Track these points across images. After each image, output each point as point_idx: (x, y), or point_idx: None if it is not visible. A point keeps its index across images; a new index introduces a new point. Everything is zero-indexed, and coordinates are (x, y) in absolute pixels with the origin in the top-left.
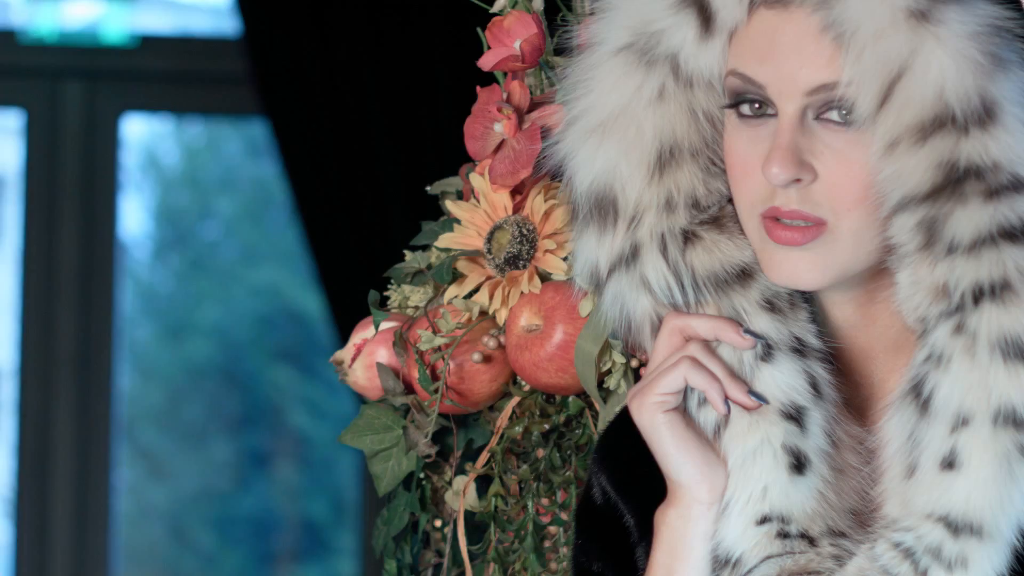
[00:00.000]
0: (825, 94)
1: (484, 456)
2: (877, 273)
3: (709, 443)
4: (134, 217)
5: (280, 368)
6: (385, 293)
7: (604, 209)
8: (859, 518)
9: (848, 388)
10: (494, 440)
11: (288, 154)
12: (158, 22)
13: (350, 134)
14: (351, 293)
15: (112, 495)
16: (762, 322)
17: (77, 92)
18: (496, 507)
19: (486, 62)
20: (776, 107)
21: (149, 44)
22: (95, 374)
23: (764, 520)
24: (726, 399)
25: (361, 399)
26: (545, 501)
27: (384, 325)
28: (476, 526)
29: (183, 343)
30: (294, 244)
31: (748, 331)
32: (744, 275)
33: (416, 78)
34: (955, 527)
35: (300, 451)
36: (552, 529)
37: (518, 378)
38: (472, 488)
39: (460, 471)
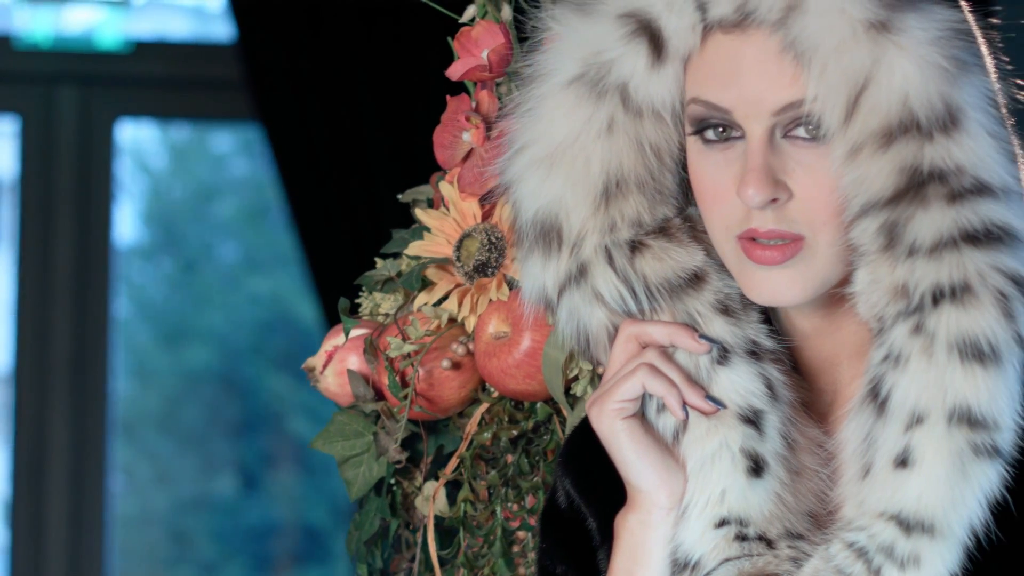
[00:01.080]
0: (792, 112)
1: (453, 462)
2: (841, 281)
3: (668, 449)
4: (129, 222)
5: (279, 375)
6: (357, 300)
7: (548, 236)
8: (817, 520)
9: (812, 393)
10: (463, 446)
11: (282, 158)
12: (152, 28)
13: (344, 138)
14: (345, 297)
15: (107, 499)
16: (717, 326)
17: (72, 97)
18: (465, 512)
19: (454, 72)
20: (743, 129)
21: (144, 50)
22: (90, 378)
23: (723, 523)
24: (684, 405)
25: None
26: (514, 506)
27: (355, 332)
28: (446, 531)
29: (182, 349)
30: (290, 249)
31: (703, 336)
32: (696, 279)
33: (409, 83)
34: (907, 525)
35: (299, 457)
36: (521, 534)
37: (487, 385)
38: (442, 493)
39: (430, 477)
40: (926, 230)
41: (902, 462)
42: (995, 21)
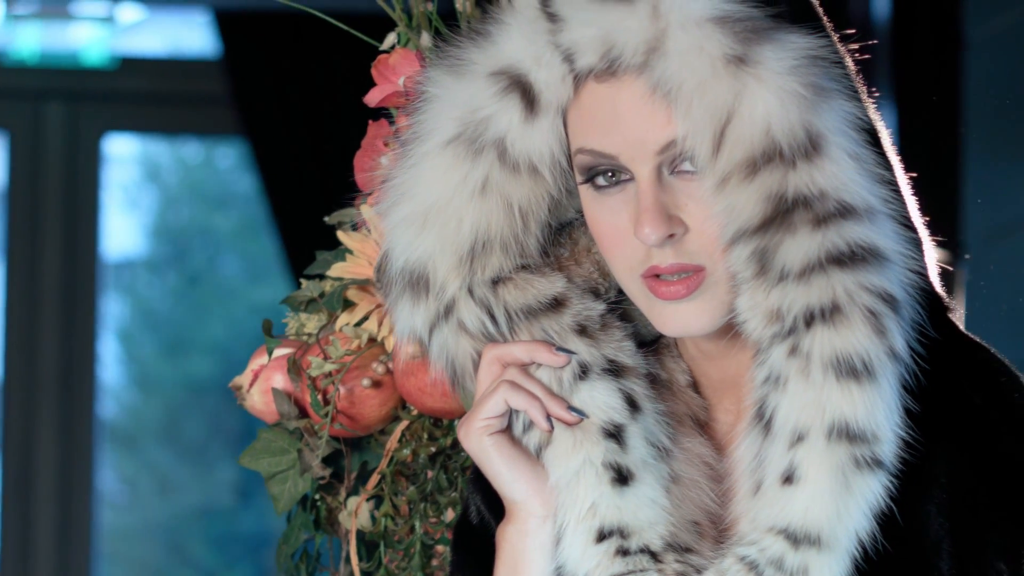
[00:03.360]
0: (673, 150)
1: (375, 478)
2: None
3: (537, 461)
4: (131, 235)
5: None
6: (284, 320)
7: (416, 285)
8: (704, 532)
9: (719, 412)
10: (384, 462)
11: (267, 173)
12: (138, 44)
13: (328, 153)
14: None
15: (95, 511)
16: (573, 345)
17: (59, 113)
18: (386, 527)
19: (371, 98)
20: (631, 172)
21: (130, 65)
22: (78, 390)
23: (602, 537)
24: (548, 416)
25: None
26: (433, 521)
27: (281, 352)
28: (369, 545)
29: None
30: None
31: (560, 348)
32: (557, 303)
33: None
34: (795, 539)
35: None
36: (439, 548)
37: (406, 403)
38: (365, 508)
39: (354, 492)
40: (794, 255)
41: (788, 479)
42: (852, 46)
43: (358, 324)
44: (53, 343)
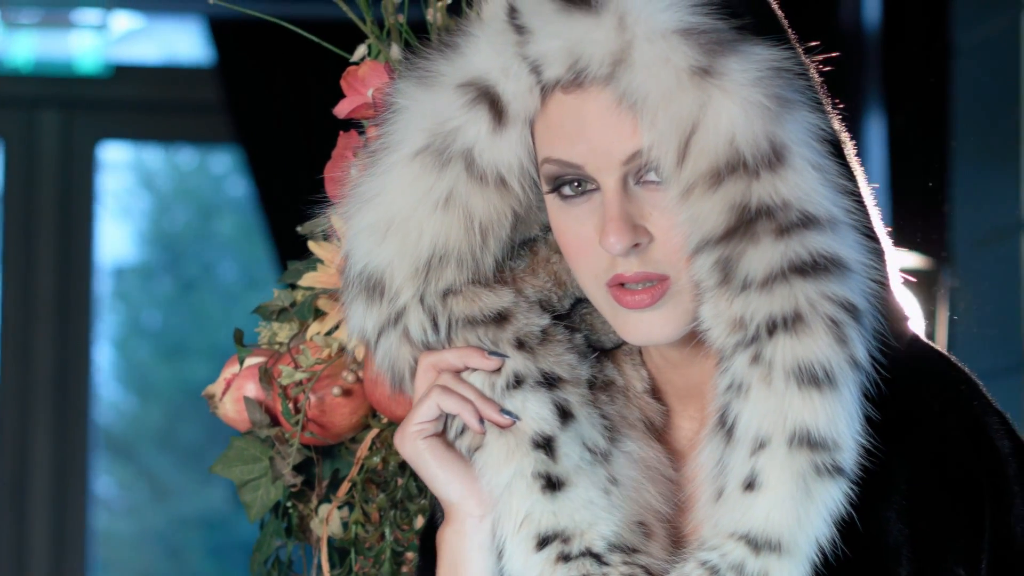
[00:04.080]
0: (638, 160)
1: (345, 485)
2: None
3: (471, 464)
4: (119, 241)
5: None
6: (257, 329)
7: (372, 290)
8: (654, 533)
9: (683, 419)
10: (355, 470)
11: (261, 179)
12: (132, 52)
13: (321, 159)
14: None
15: (90, 516)
16: (511, 359)
17: (54, 121)
18: (356, 534)
19: (341, 110)
20: (597, 182)
21: (124, 73)
22: (73, 396)
23: (542, 544)
24: (480, 419)
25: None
26: (403, 528)
27: (253, 360)
28: (340, 551)
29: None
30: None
31: (493, 352)
32: (501, 318)
33: None
34: (756, 544)
35: None
36: (409, 555)
37: (376, 411)
38: (336, 515)
39: (326, 500)
40: (757, 264)
41: (749, 485)
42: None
43: (329, 333)
44: (48, 349)
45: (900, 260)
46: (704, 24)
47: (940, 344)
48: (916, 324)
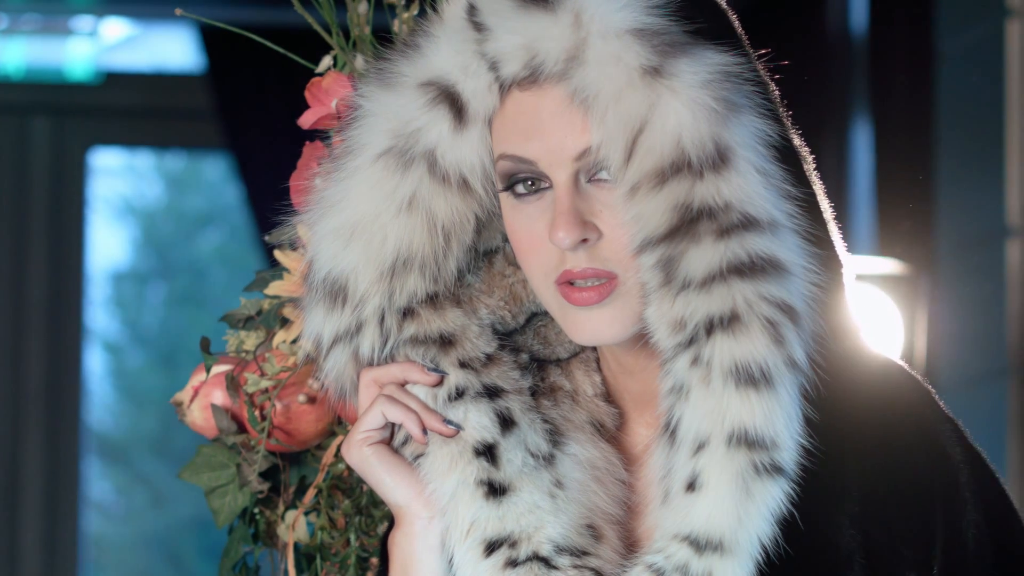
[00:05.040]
0: (590, 158)
1: (311, 492)
2: None
3: (416, 467)
4: (112, 247)
5: None
6: (224, 337)
7: (335, 296)
8: (604, 536)
9: (641, 426)
10: (320, 476)
11: (251, 185)
12: (123, 59)
13: None
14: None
15: (82, 522)
16: (451, 373)
17: (44, 128)
18: (322, 540)
19: (305, 120)
20: (550, 179)
21: (114, 80)
22: (65, 402)
23: (490, 550)
24: (424, 429)
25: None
26: (368, 534)
27: (221, 368)
28: (306, 557)
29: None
30: None
31: (432, 368)
32: (444, 340)
33: None
34: (699, 545)
35: None
36: (374, 560)
37: (342, 419)
38: (302, 521)
39: (293, 506)
40: (697, 264)
41: (691, 486)
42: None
43: (294, 341)
44: (40, 356)
45: (872, 268)
46: (658, 25)
47: (921, 350)
48: (869, 333)
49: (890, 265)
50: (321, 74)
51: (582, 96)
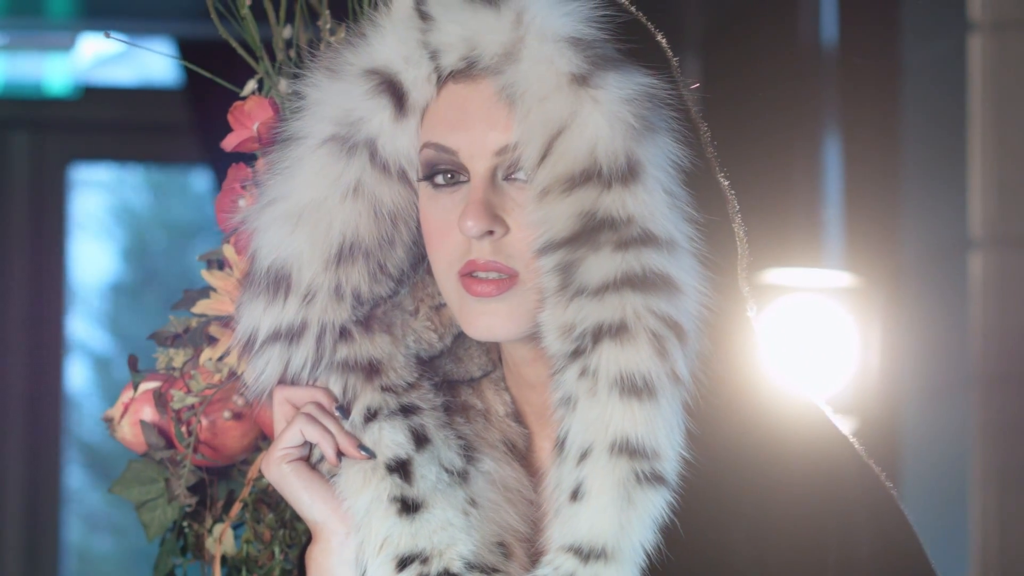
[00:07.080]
0: (509, 155)
1: (237, 506)
2: None
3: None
4: (95, 262)
5: None
6: (154, 355)
7: (278, 285)
8: (514, 553)
9: (546, 440)
10: (245, 491)
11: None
12: (102, 73)
13: None
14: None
15: (63, 533)
16: (370, 397)
17: (24, 143)
18: (248, 552)
19: (228, 143)
20: (468, 171)
21: (93, 95)
22: (45, 411)
23: (402, 566)
24: (339, 452)
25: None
26: (292, 546)
27: (150, 385)
28: (234, 569)
29: None
30: None
31: (339, 407)
32: (372, 367)
33: None
34: (583, 554)
35: None
36: (296, 574)
37: (267, 435)
38: (230, 534)
39: (220, 519)
40: (594, 272)
41: (575, 495)
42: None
43: (220, 359)
44: (21, 370)
45: (825, 282)
46: (594, 37)
47: (878, 362)
48: (775, 361)
49: (844, 278)
50: (244, 98)
51: (509, 92)
